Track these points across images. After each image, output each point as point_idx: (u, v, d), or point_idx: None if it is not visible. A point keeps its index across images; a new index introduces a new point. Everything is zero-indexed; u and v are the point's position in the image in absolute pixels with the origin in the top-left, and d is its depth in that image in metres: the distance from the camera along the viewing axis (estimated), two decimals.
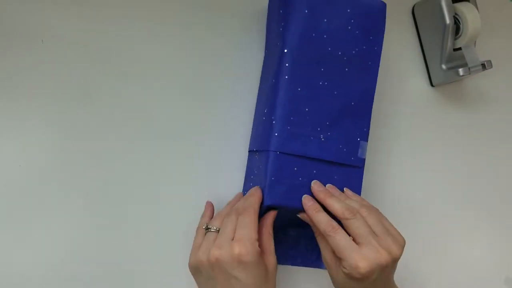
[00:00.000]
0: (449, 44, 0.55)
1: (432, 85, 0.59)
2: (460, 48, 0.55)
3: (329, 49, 0.44)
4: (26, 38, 0.45)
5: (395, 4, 0.58)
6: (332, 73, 0.44)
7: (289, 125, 0.43)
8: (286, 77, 0.43)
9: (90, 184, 0.46)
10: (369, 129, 0.46)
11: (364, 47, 0.45)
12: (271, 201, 0.43)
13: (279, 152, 0.43)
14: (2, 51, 0.45)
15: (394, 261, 0.40)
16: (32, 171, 0.45)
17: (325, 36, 0.44)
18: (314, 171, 0.44)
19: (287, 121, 0.43)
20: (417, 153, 0.58)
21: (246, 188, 0.49)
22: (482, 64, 0.53)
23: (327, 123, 0.44)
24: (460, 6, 0.54)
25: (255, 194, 0.43)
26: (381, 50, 0.46)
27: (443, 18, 0.54)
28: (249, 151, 0.50)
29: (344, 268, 0.40)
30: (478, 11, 0.53)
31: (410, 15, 0.59)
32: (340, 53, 0.44)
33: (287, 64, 0.43)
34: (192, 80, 0.50)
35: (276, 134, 0.43)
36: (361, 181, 0.47)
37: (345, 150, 0.45)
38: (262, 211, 0.44)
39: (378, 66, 0.46)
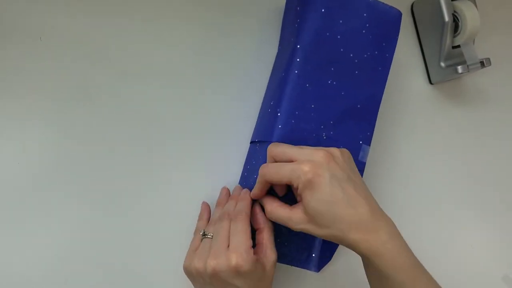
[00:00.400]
0: (447, 41, 0.55)
1: (431, 83, 0.59)
2: (459, 46, 0.55)
3: (342, 50, 0.44)
4: (24, 35, 0.45)
5: (394, 1, 0.58)
6: (341, 74, 0.45)
7: (294, 118, 0.43)
8: (296, 71, 0.44)
9: (89, 182, 0.46)
10: (372, 134, 0.47)
11: (376, 52, 0.46)
12: None
13: None
14: (0, 49, 0.45)
15: (337, 156, 0.38)
16: (31, 170, 0.44)
17: (339, 36, 0.44)
18: None
19: (292, 114, 0.43)
20: (415, 151, 0.58)
21: (242, 177, 0.49)
22: (480, 62, 0.53)
23: (331, 122, 0.45)
24: (459, 3, 0.54)
25: (246, 198, 0.43)
26: (392, 57, 0.47)
27: (442, 15, 0.54)
28: (250, 142, 0.50)
29: (296, 188, 0.37)
30: (477, 8, 0.53)
31: (409, 12, 0.59)
32: (351, 55, 0.45)
33: (298, 60, 0.44)
34: (193, 80, 0.50)
35: (279, 126, 0.43)
36: None
37: None
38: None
39: (388, 72, 0.47)
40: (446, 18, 0.54)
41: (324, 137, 0.45)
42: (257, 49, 0.52)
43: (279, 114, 0.43)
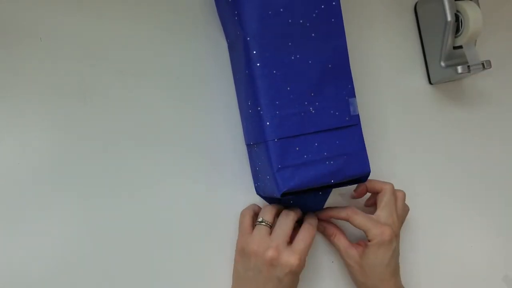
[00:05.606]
0: (449, 41, 0.55)
1: (430, 83, 0.59)
2: (460, 47, 0.55)
3: (290, 21, 0.44)
4: (24, 35, 0.45)
5: (398, 1, 0.58)
6: (300, 44, 0.44)
7: (277, 109, 0.43)
8: (258, 64, 0.43)
9: (90, 182, 0.46)
10: (353, 85, 0.46)
11: (323, 6, 0.44)
12: (285, 188, 0.43)
13: (276, 140, 0.43)
14: (0, 49, 0.44)
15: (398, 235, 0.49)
16: (31, 170, 0.45)
17: (281, 9, 0.43)
18: (316, 144, 0.45)
19: (273, 107, 0.43)
20: (414, 151, 0.58)
21: (256, 180, 0.50)
22: (481, 64, 0.53)
23: (312, 94, 0.44)
24: (463, 4, 0.53)
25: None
26: (340, 4, 0.45)
27: (445, 14, 0.54)
28: (246, 145, 0.50)
29: (370, 240, 0.46)
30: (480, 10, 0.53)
31: (412, 12, 0.59)
32: (301, 21, 0.44)
33: (254, 52, 0.43)
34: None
35: (267, 123, 0.43)
36: (362, 137, 0.47)
37: (337, 113, 0.45)
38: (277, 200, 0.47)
39: (342, 20, 0.45)
40: (449, 18, 0.53)
41: (313, 111, 0.44)
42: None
43: (261, 112, 0.43)
